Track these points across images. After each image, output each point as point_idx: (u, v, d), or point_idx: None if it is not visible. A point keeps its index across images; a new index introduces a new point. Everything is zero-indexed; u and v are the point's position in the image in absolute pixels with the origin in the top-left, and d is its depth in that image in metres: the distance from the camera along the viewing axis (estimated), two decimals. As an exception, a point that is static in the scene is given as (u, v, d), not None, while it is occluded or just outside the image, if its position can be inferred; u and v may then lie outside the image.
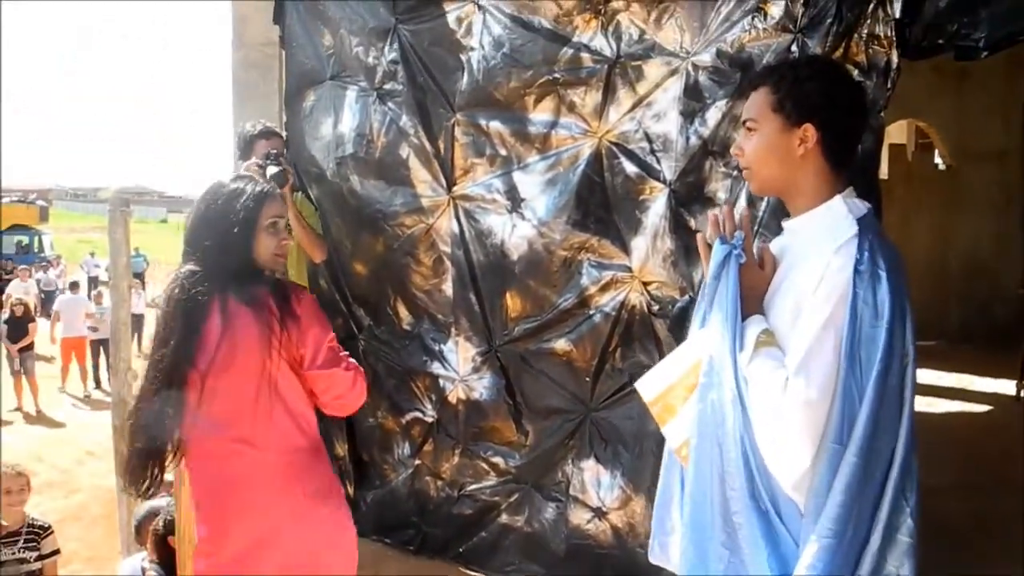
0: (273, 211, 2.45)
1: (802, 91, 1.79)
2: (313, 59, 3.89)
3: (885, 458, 1.65)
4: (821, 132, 1.78)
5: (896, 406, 1.68)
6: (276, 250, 2.47)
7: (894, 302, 1.66)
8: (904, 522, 1.65)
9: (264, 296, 2.36)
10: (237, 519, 2.38)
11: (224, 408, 2.34)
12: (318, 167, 3.85)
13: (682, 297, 3.12)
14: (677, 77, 3.07)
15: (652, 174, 3.15)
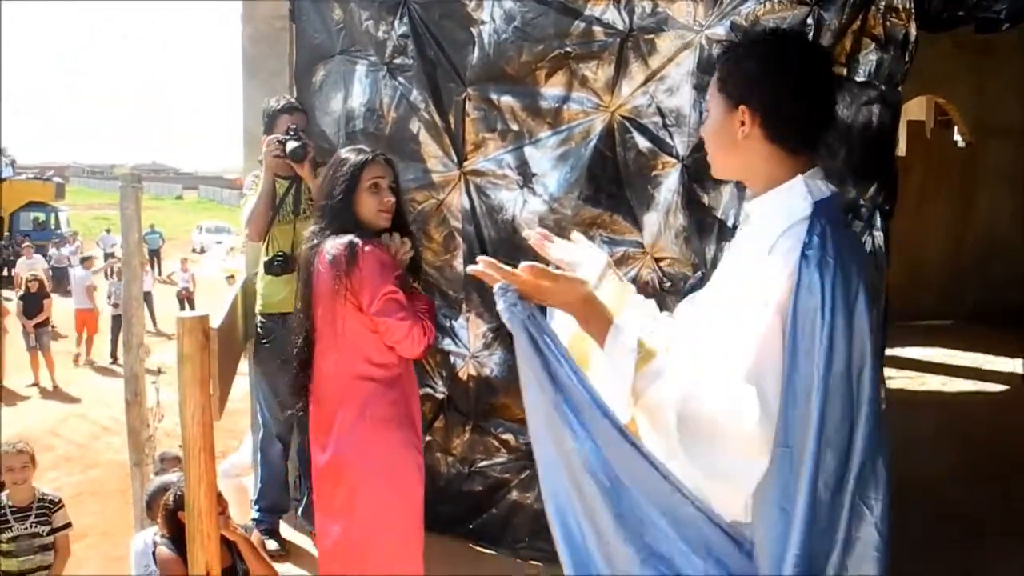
0: (373, 174, 2.83)
1: (739, 71, 1.65)
2: (323, 33, 3.87)
3: (835, 464, 1.50)
4: (760, 114, 1.62)
5: (846, 407, 1.51)
6: (378, 207, 2.84)
7: (842, 294, 1.49)
8: (866, 531, 1.53)
9: (340, 250, 2.73)
10: (319, 434, 2.90)
11: (320, 340, 2.86)
12: (328, 142, 3.83)
13: (694, 273, 3.09)
14: (690, 51, 3.04)
15: (665, 149, 3.12)
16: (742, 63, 1.65)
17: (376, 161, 2.86)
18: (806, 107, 1.62)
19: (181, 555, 3.18)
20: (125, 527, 7.05)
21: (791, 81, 1.61)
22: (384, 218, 2.86)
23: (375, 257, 2.75)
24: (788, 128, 1.62)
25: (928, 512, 4.11)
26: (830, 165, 2.91)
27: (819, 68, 1.64)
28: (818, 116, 1.65)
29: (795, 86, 1.60)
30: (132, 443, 5.20)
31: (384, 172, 2.87)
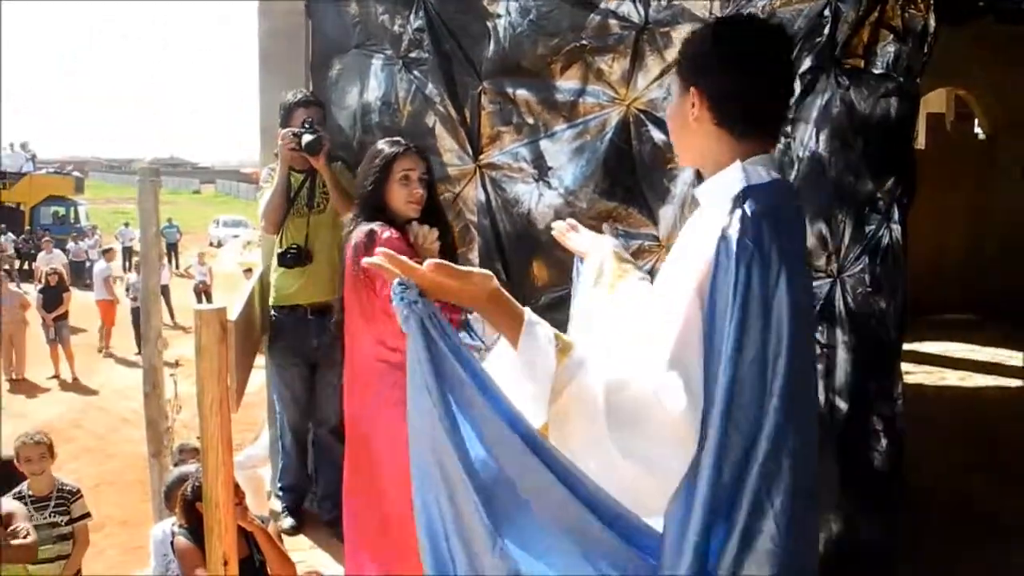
0: (404, 166, 2.92)
1: (691, 53, 1.62)
2: (339, 28, 3.88)
3: (740, 452, 1.46)
4: (708, 96, 1.58)
5: (756, 394, 1.45)
6: (408, 198, 2.94)
7: (759, 280, 1.44)
8: (765, 527, 1.46)
9: (360, 237, 2.87)
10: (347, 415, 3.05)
11: (347, 324, 3.00)
12: (345, 136, 3.85)
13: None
14: (707, 43, 3.02)
15: (681, 142, 3.12)
16: (695, 45, 1.63)
17: (408, 153, 2.97)
18: (754, 90, 1.57)
19: (199, 545, 3.21)
20: (143, 517, 7.12)
21: (738, 64, 1.56)
22: (413, 208, 2.95)
23: (390, 243, 2.79)
24: (734, 111, 1.58)
25: (947, 508, 4.10)
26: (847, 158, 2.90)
27: (770, 52, 1.58)
28: (768, 100, 1.59)
29: (742, 69, 1.56)
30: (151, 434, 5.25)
31: (415, 164, 2.96)
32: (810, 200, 2.94)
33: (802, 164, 2.94)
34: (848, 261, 2.96)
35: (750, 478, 1.46)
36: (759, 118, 1.59)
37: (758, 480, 1.46)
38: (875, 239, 2.99)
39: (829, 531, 2.99)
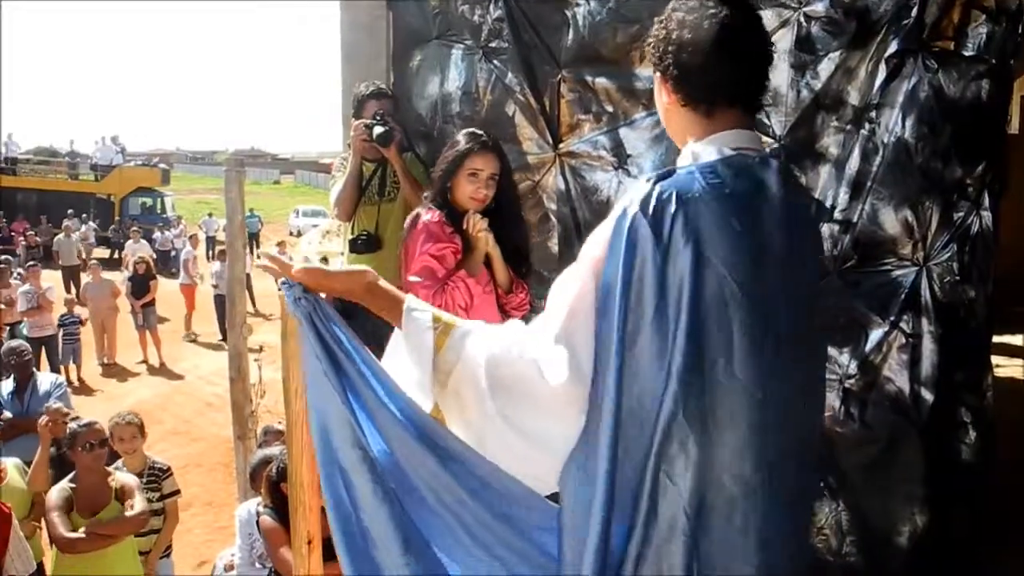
0: (475, 163, 2.96)
1: (651, 41, 1.61)
2: (419, 19, 3.92)
3: (636, 432, 1.42)
4: (670, 80, 1.58)
5: (649, 377, 1.41)
6: (471, 194, 2.99)
7: (654, 265, 1.39)
8: (670, 509, 1.43)
9: (409, 220, 3.09)
10: None
11: None
12: (425, 126, 3.90)
13: (791, 255, 3.05)
14: (788, 28, 2.98)
15: (761, 129, 3.07)
16: (654, 32, 1.61)
17: (481, 152, 2.99)
18: (708, 68, 1.53)
19: (284, 524, 3.30)
20: (228, 498, 7.33)
21: (691, 43, 1.53)
22: (475, 204, 2.99)
23: (427, 227, 2.98)
24: (695, 90, 1.55)
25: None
26: (935, 143, 2.83)
27: (725, 27, 1.51)
28: (728, 75, 1.54)
29: (695, 48, 1.53)
30: (236, 418, 5.40)
31: (486, 164, 2.98)
32: (895, 187, 2.89)
33: (887, 150, 2.88)
34: (935, 249, 2.90)
35: (650, 457, 1.42)
36: (722, 94, 1.55)
37: (658, 460, 1.42)
38: (963, 227, 2.91)
39: (914, 524, 2.94)
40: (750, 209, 1.45)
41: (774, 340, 1.45)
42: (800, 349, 1.52)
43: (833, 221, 2.93)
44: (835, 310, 2.96)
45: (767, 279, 1.44)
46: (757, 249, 1.44)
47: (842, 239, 2.94)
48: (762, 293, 1.43)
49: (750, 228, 1.44)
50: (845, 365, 2.98)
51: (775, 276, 1.46)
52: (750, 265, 1.42)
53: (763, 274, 1.44)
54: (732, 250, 1.41)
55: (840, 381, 2.98)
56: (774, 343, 1.45)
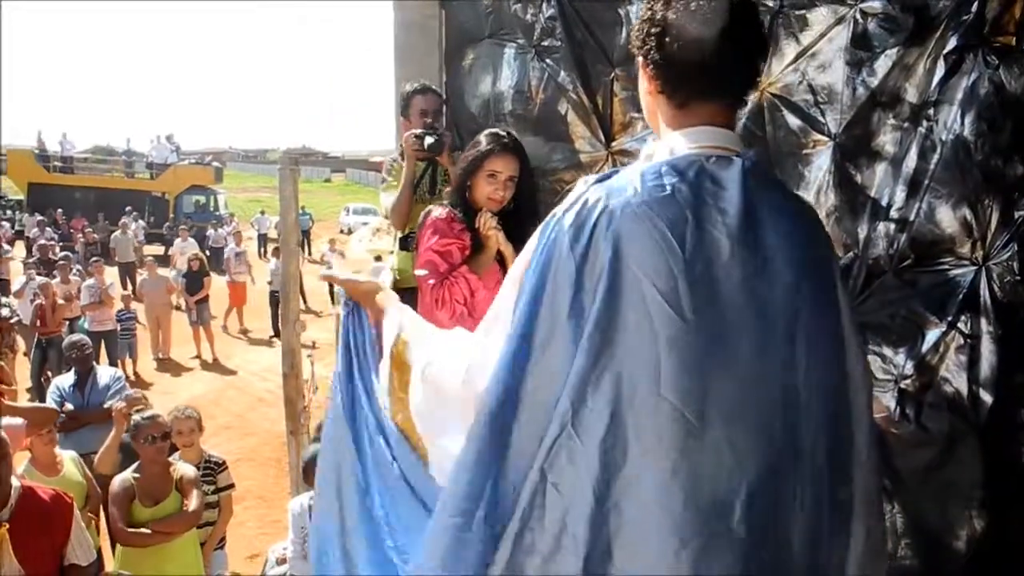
0: (495, 165, 3.00)
1: (641, 19, 1.52)
2: (471, 18, 3.95)
3: (528, 442, 1.37)
4: (647, 65, 1.49)
5: (551, 383, 1.35)
6: (489, 195, 3.03)
7: (567, 267, 1.35)
8: (554, 516, 1.35)
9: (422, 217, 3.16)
10: None
11: None
12: (477, 125, 3.92)
13: (846, 254, 3.02)
14: (844, 25, 2.95)
15: (816, 127, 3.06)
16: (643, 11, 1.52)
17: (499, 154, 3.00)
18: (689, 56, 1.43)
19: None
20: (281, 492, 7.44)
21: (667, 30, 1.44)
22: (492, 204, 3.04)
23: (434, 222, 3.07)
24: (669, 79, 1.47)
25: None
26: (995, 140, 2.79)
27: (703, 17, 1.41)
28: (707, 66, 1.43)
29: (671, 35, 1.44)
30: (288, 413, 5.49)
31: (504, 167, 3.01)
32: (954, 185, 2.84)
33: (945, 148, 2.84)
34: (994, 248, 2.85)
35: (536, 461, 1.36)
36: (698, 85, 1.46)
37: (545, 468, 1.36)
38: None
39: (972, 528, 2.89)
40: (693, 214, 1.35)
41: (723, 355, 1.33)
42: (774, 360, 1.36)
43: (889, 220, 2.90)
44: (891, 310, 2.93)
45: (717, 292, 1.33)
46: (696, 259, 1.33)
47: (898, 238, 2.90)
48: (706, 309, 1.32)
49: (689, 235, 1.33)
50: (901, 366, 2.95)
51: (728, 287, 1.34)
52: (683, 278, 1.31)
53: (708, 287, 1.33)
54: (659, 262, 1.31)
55: (895, 382, 2.95)
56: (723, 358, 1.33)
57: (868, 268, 2.95)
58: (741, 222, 1.35)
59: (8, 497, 3.50)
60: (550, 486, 1.35)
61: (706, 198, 1.36)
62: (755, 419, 1.34)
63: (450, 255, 3.03)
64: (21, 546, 3.46)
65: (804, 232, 1.44)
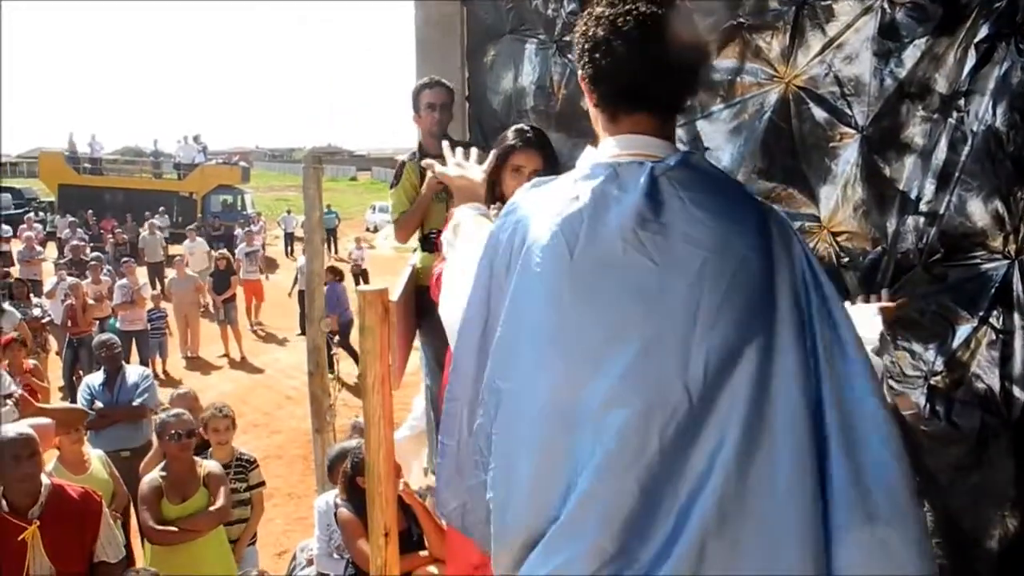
0: (519, 160, 3.01)
1: (576, 33, 1.58)
2: (493, 14, 3.94)
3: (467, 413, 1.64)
4: (583, 78, 1.57)
5: (471, 365, 1.61)
6: (515, 189, 2.79)
7: (498, 258, 1.56)
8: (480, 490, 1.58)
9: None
10: None
11: None
12: (499, 121, 3.91)
13: (874, 248, 2.97)
14: (871, 15, 2.90)
15: (843, 120, 3.01)
16: (578, 26, 1.57)
17: (522, 149, 3.03)
18: (616, 69, 1.48)
19: (361, 517, 3.35)
20: (307, 490, 7.48)
21: (603, 41, 1.48)
22: None
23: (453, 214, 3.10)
24: (600, 92, 1.55)
25: None
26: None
27: (641, 26, 1.44)
28: (633, 78, 1.48)
29: (605, 46, 1.48)
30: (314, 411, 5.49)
31: (527, 161, 3.02)
32: (985, 177, 2.79)
33: (976, 139, 2.78)
34: (1027, 242, 2.79)
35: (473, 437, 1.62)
36: (625, 97, 1.52)
37: (476, 444, 1.60)
38: (1058, 218, 2.81)
39: (1005, 527, 2.84)
40: (589, 216, 1.44)
41: (600, 351, 1.39)
42: (667, 351, 1.37)
43: (919, 213, 2.85)
44: (920, 305, 2.88)
45: (598, 285, 1.41)
46: (584, 258, 1.42)
47: (928, 231, 2.85)
48: (582, 301, 1.41)
49: (582, 236, 1.43)
50: (931, 362, 2.90)
51: (614, 279, 1.40)
52: (566, 275, 1.42)
53: (588, 282, 1.42)
54: (552, 262, 1.44)
55: (925, 378, 2.90)
56: (599, 355, 1.39)
57: (897, 263, 2.90)
58: (635, 222, 1.41)
59: (38, 495, 3.55)
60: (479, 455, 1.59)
61: (608, 202, 1.44)
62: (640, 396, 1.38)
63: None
64: (51, 543, 3.51)
65: (716, 227, 1.42)
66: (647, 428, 1.35)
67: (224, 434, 5.07)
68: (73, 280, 11.76)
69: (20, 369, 7.19)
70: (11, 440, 3.50)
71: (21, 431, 3.59)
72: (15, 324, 9.47)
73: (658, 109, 1.53)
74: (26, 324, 9.74)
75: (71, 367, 10.61)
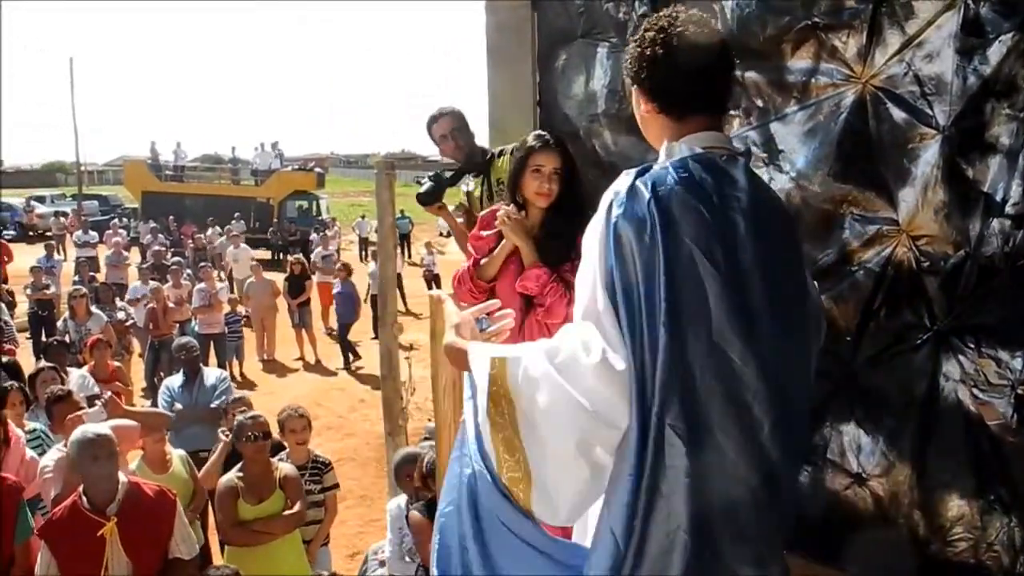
0: (538, 160, 3.16)
1: (627, 54, 1.88)
2: (563, 17, 3.93)
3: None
4: (643, 91, 1.86)
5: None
6: (536, 190, 3.18)
7: (602, 243, 1.70)
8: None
9: None
10: None
11: None
12: (571, 125, 3.90)
13: (956, 253, 2.88)
14: (953, 12, 2.82)
15: (923, 120, 2.93)
16: (628, 50, 1.88)
17: (544, 149, 3.18)
18: (678, 79, 1.79)
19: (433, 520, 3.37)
20: (380, 492, 7.56)
21: (663, 59, 1.78)
22: (542, 200, 3.19)
23: (483, 217, 3.40)
24: (666, 100, 1.83)
25: None
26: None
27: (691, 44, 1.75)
28: (689, 84, 1.79)
29: (666, 62, 1.78)
30: (387, 414, 5.57)
31: (546, 160, 3.16)
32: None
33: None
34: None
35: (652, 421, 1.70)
36: (690, 101, 1.81)
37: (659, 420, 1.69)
38: None
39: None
40: (717, 197, 1.69)
41: (749, 312, 1.66)
42: (777, 322, 1.69)
43: (1004, 216, 2.75)
44: (1006, 311, 2.78)
45: (737, 256, 1.66)
46: (723, 230, 1.66)
47: (1014, 235, 2.75)
48: (733, 268, 1.65)
49: (716, 212, 1.67)
50: (1018, 370, 2.79)
51: (744, 254, 1.67)
52: (717, 244, 1.64)
53: (732, 252, 1.66)
54: (701, 231, 1.64)
55: (1012, 387, 2.80)
56: (749, 315, 1.66)
57: (981, 267, 2.80)
58: (749, 206, 1.71)
59: (116, 492, 3.67)
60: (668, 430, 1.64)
61: (724, 186, 1.71)
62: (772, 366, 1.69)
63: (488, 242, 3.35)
64: (128, 539, 3.64)
65: (782, 216, 1.87)
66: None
67: (300, 435, 5.17)
68: (155, 284, 12.11)
69: (105, 371, 7.43)
70: (90, 440, 3.66)
71: (99, 431, 3.74)
72: (102, 327, 9.81)
73: (718, 107, 1.87)
74: (112, 327, 10.08)
75: (152, 369, 10.92)
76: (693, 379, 1.62)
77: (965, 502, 2.91)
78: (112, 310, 11.14)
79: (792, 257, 1.86)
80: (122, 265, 17.86)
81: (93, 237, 21.19)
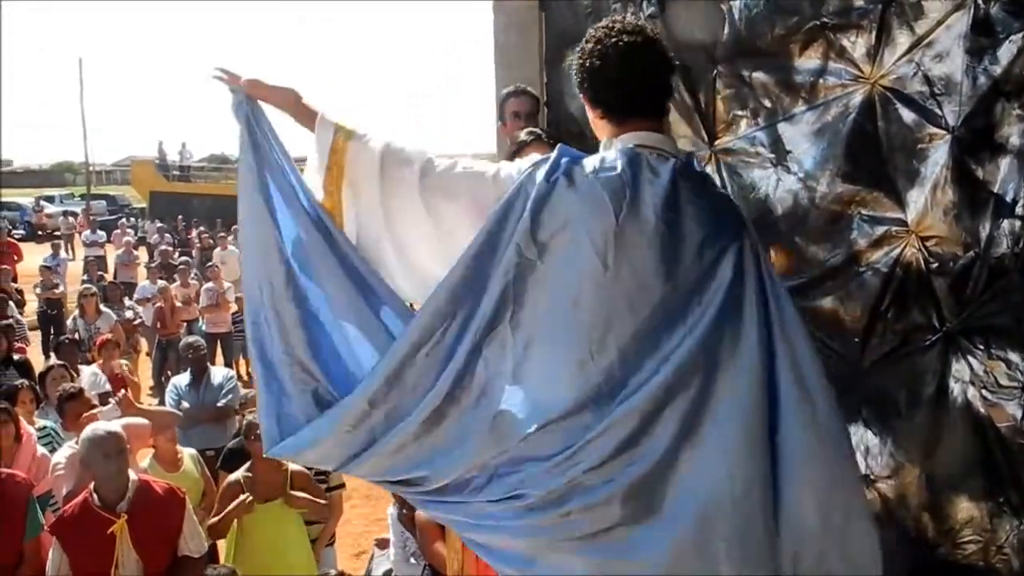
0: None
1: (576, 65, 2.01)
2: (571, 18, 3.93)
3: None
4: (587, 99, 2.02)
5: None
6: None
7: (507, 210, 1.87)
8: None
9: None
10: None
11: None
12: (578, 126, 3.89)
13: (965, 254, 2.87)
14: (963, 12, 2.81)
15: (932, 120, 2.92)
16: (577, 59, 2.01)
17: (533, 144, 3.13)
18: (615, 87, 1.94)
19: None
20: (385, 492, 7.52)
21: (600, 68, 1.93)
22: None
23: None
24: (607, 105, 1.98)
25: None
26: None
27: (626, 52, 1.90)
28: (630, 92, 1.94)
29: (603, 71, 1.93)
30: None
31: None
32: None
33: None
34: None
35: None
36: (628, 105, 1.96)
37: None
38: None
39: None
40: (631, 191, 1.81)
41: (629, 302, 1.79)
42: (669, 317, 1.80)
43: (1014, 216, 2.75)
44: (1016, 312, 2.77)
45: (636, 248, 1.79)
46: (627, 222, 1.79)
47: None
48: (621, 260, 1.78)
49: (624, 207, 1.80)
50: (1028, 371, 2.79)
51: (648, 246, 1.79)
52: (611, 235, 1.78)
53: (629, 243, 1.78)
54: (598, 218, 1.79)
55: (1022, 389, 2.79)
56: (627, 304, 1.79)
57: (990, 268, 2.80)
58: (666, 205, 1.81)
59: (126, 490, 3.70)
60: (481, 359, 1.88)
61: (643, 182, 1.83)
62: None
63: None
64: (138, 536, 3.68)
65: (713, 220, 1.88)
66: None
67: None
68: (162, 283, 12.15)
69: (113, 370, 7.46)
70: (101, 438, 3.70)
71: (110, 429, 3.78)
72: (111, 325, 9.84)
73: (656, 110, 2.00)
74: (120, 326, 10.12)
75: (160, 367, 10.96)
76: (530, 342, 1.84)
77: (974, 504, 2.90)
78: (120, 309, 11.18)
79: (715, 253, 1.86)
80: (132, 264, 17.92)
81: (101, 237, 21.25)
